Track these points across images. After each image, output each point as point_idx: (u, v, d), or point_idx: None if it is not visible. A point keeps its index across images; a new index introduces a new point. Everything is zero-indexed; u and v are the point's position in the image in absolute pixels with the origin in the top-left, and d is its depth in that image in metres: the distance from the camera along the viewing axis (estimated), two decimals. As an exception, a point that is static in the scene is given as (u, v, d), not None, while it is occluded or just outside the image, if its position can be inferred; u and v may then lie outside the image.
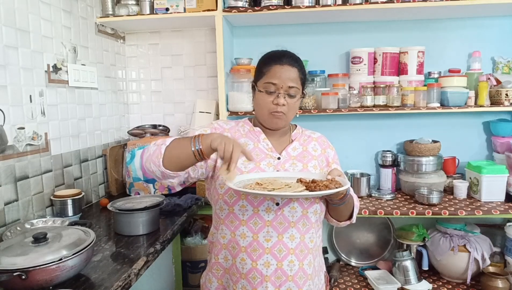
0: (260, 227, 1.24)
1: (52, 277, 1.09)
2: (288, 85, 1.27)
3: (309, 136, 1.43)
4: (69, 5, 1.97)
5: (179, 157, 1.16)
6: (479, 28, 2.37)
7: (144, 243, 1.53)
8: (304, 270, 1.26)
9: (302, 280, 1.26)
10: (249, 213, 1.24)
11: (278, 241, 1.24)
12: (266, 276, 1.23)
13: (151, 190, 2.18)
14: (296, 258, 1.25)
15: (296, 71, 1.29)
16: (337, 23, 2.44)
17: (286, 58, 1.30)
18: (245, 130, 1.38)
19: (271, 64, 1.30)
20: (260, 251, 1.23)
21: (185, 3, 2.22)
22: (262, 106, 1.30)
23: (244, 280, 1.25)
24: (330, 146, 1.44)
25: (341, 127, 2.50)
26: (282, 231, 1.24)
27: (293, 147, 1.37)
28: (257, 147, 1.34)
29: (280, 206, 1.24)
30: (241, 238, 1.25)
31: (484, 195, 2.17)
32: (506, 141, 2.26)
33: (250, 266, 1.24)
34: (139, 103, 2.66)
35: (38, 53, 1.73)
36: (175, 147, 1.17)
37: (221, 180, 1.26)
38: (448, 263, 2.21)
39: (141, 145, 2.20)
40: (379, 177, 2.46)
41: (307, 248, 1.27)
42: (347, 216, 1.35)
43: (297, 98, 1.30)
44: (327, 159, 1.39)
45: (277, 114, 1.28)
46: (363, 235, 2.52)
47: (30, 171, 1.67)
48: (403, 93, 2.24)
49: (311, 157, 1.36)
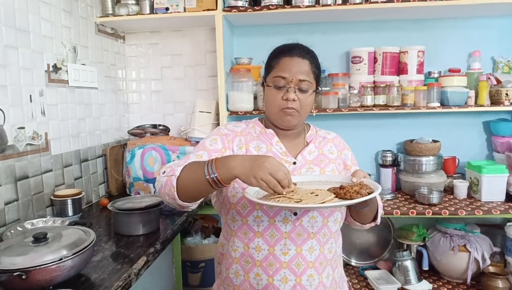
0: (277, 239, 1.13)
1: (52, 277, 1.09)
2: (299, 78, 1.17)
3: (324, 137, 1.32)
4: (69, 5, 1.97)
5: (194, 187, 1.05)
6: (479, 28, 2.37)
7: (144, 243, 1.53)
8: (324, 284, 1.16)
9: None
10: (264, 224, 1.14)
11: (296, 254, 1.13)
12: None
13: (151, 190, 2.18)
14: (316, 271, 1.15)
15: (307, 63, 1.19)
16: (337, 23, 2.44)
17: (296, 49, 1.21)
18: (256, 131, 1.28)
19: (280, 56, 1.21)
20: (277, 265, 1.13)
21: (185, 3, 2.21)
22: (271, 103, 1.21)
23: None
24: (346, 147, 1.33)
25: (341, 127, 2.47)
26: (300, 243, 1.14)
27: (309, 151, 1.26)
28: (270, 150, 1.23)
29: (298, 216, 1.14)
30: (256, 251, 1.14)
31: (484, 195, 2.16)
32: (506, 141, 2.26)
33: (266, 282, 1.13)
34: (139, 103, 2.66)
35: (38, 53, 1.73)
36: (187, 175, 1.05)
37: (233, 188, 1.17)
38: (448, 263, 2.21)
39: (141, 145, 2.21)
40: (379, 177, 2.46)
41: (326, 260, 1.17)
42: (371, 218, 1.25)
43: (310, 93, 1.20)
44: (345, 161, 1.29)
45: (288, 111, 1.18)
46: (363, 235, 2.51)
47: (30, 171, 1.67)
48: (403, 92, 2.24)
49: (328, 161, 1.26)
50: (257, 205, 1.12)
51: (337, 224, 1.21)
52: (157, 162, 2.12)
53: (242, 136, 1.25)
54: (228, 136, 1.24)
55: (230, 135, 1.25)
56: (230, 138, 1.24)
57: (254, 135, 1.26)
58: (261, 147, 1.23)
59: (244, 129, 1.28)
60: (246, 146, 1.23)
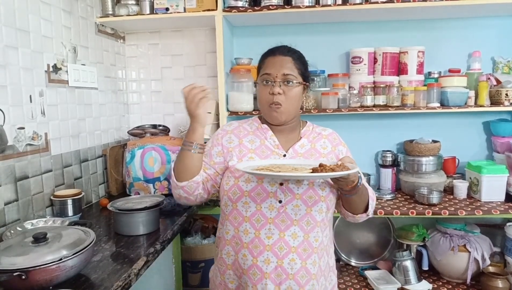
0: (263, 224, 1.25)
1: (52, 277, 1.09)
2: (283, 73, 1.29)
3: (319, 133, 1.41)
4: (69, 5, 1.97)
5: (183, 163, 1.30)
6: (479, 28, 2.37)
7: (144, 243, 1.53)
8: (307, 269, 1.25)
9: (305, 279, 1.25)
10: (252, 209, 1.26)
11: (279, 238, 1.24)
12: (266, 273, 1.24)
13: (151, 190, 2.18)
14: (298, 256, 1.24)
15: (290, 59, 1.32)
16: (337, 23, 2.44)
17: (279, 50, 1.35)
18: (252, 127, 1.41)
19: (266, 58, 1.37)
20: (261, 247, 1.24)
21: (185, 3, 2.21)
22: (261, 99, 1.34)
23: (245, 276, 1.27)
24: (341, 143, 1.41)
25: (341, 127, 2.46)
26: (284, 229, 1.24)
27: (301, 144, 1.36)
28: (264, 144, 1.36)
29: (282, 203, 1.25)
30: (244, 234, 1.27)
31: (484, 195, 2.17)
32: (506, 141, 2.26)
33: (251, 263, 1.25)
34: (139, 103, 2.66)
35: (38, 53, 1.73)
36: (176, 159, 1.32)
37: (227, 177, 1.32)
38: (448, 263, 2.21)
39: (141, 145, 2.21)
40: (379, 177, 2.46)
41: (312, 247, 1.26)
42: (362, 208, 1.32)
43: (295, 85, 1.31)
44: (338, 156, 1.36)
45: (274, 107, 1.30)
46: (363, 235, 2.52)
47: (30, 171, 1.67)
48: (403, 93, 2.24)
49: (319, 155, 1.34)
50: (246, 192, 1.27)
51: (322, 214, 1.28)
52: (157, 163, 2.12)
53: (233, 133, 1.40)
54: (218, 135, 1.42)
55: (221, 134, 1.42)
56: (220, 136, 1.41)
57: (250, 130, 1.40)
58: (254, 141, 1.37)
59: (236, 127, 1.43)
60: (239, 141, 1.38)
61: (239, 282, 1.30)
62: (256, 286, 1.24)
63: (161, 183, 2.11)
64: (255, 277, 1.25)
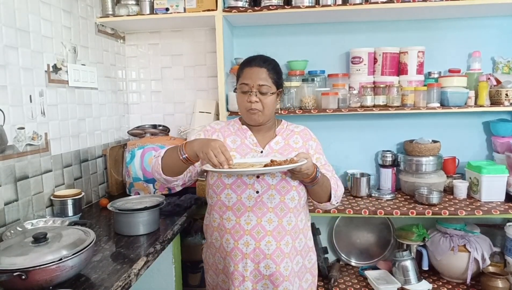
0: (242, 212, 1.42)
1: (52, 277, 1.09)
2: (258, 84, 1.44)
3: (292, 131, 1.57)
4: (69, 5, 1.97)
5: (173, 165, 1.41)
6: (479, 28, 2.37)
7: (144, 243, 1.53)
8: (281, 249, 1.42)
9: (280, 258, 1.42)
10: (233, 200, 1.43)
11: (257, 224, 1.41)
12: (246, 254, 1.41)
13: (151, 190, 2.18)
14: (274, 239, 1.41)
15: (264, 71, 1.45)
16: (337, 23, 2.44)
17: (255, 61, 1.48)
18: (234, 128, 1.57)
19: (243, 68, 1.49)
20: (241, 232, 1.42)
21: (185, 3, 2.22)
22: (240, 105, 1.51)
23: (229, 257, 1.44)
24: (312, 138, 1.58)
25: (341, 127, 2.50)
26: (261, 216, 1.42)
27: (276, 141, 1.53)
28: (244, 143, 1.52)
29: (260, 194, 1.42)
30: (227, 221, 1.44)
31: (484, 195, 2.17)
32: (506, 141, 2.26)
33: (233, 245, 1.42)
34: (139, 103, 2.66)
35: (38, 53, 1.73)
36: (168, 156, 1.42)
37: (211, 173, 1.47)
38: (448, 263, 2.21)
39: (141, 145, 2.21)
40: (379, 177, 2.46)
41: (285, 230, 1.43)
42: (325, 197, 1.48)
43: (269, 94, 1.46)
44: (308, 150, 1.52)
45: (252, 111, 1.46)
46: (363, 235, 2.52)
47: (30, 171, 1.67)
48: (403, 93, 2.24)
49: (292, 150, 1.50)
50: (228, 185, 1.43)
51: (295, 201, 1.44)
52: (157, 162, 2.12)
53: (220, 132, 1.55)
54: (209, 131, 1.56)
55: (211, 130, 1.56)
56: (210, 133, 1.55)
57: (232, 131, 1.56)
58: (236, 140, 1.53)
59: (223, 126, 1.58)
60: (224, 140, 1.52)
61: (224, 263, 1.47)
62: (238, 265, 1.42)
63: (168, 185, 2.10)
64: (237, 257, 1.42)
